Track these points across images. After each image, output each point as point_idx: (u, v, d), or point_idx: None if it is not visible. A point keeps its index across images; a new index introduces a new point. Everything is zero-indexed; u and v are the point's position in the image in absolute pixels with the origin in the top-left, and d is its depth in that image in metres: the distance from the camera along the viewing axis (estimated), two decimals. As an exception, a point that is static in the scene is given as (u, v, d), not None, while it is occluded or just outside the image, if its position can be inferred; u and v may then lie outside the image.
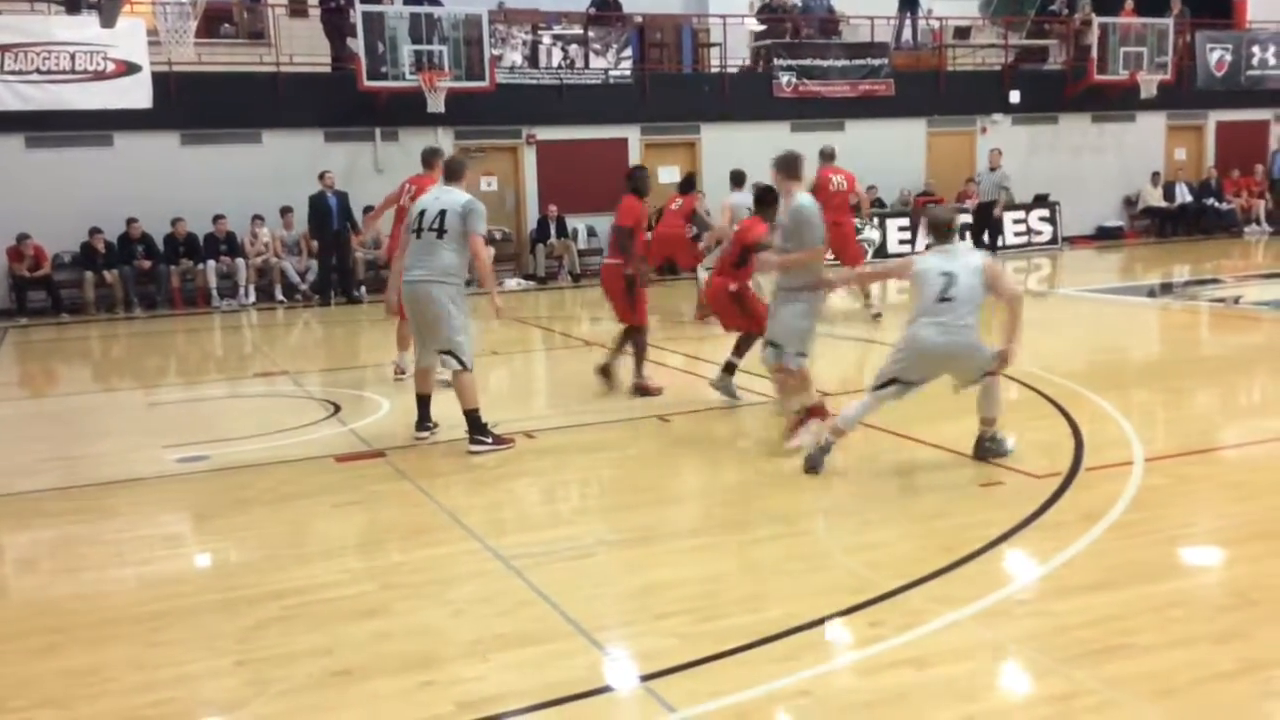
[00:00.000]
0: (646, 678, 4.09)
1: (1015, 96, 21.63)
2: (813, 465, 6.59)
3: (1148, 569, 4.96)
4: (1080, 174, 21.99)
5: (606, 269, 9.23)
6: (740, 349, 8.64)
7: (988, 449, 6.73)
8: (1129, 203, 22.90)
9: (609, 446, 7.67)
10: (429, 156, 9.47)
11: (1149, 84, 21.30)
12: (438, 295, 7.29)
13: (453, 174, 7.60)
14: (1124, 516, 5.64)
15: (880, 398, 6.63)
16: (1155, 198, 22.68)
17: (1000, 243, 18.80)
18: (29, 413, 9.98)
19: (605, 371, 9.23)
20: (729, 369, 8.65)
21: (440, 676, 4.13)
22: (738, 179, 12.91)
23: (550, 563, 5.30)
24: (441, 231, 7.28)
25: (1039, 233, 21.21)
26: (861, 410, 6.70)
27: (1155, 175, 22.75)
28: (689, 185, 13.96)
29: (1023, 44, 22.74)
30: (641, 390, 8.98)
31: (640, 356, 9.09)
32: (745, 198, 13.02)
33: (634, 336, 9.11)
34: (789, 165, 7.45)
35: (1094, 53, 21.13)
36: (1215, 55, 22.39)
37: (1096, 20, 21.36)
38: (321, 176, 16.51)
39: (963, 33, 22.63)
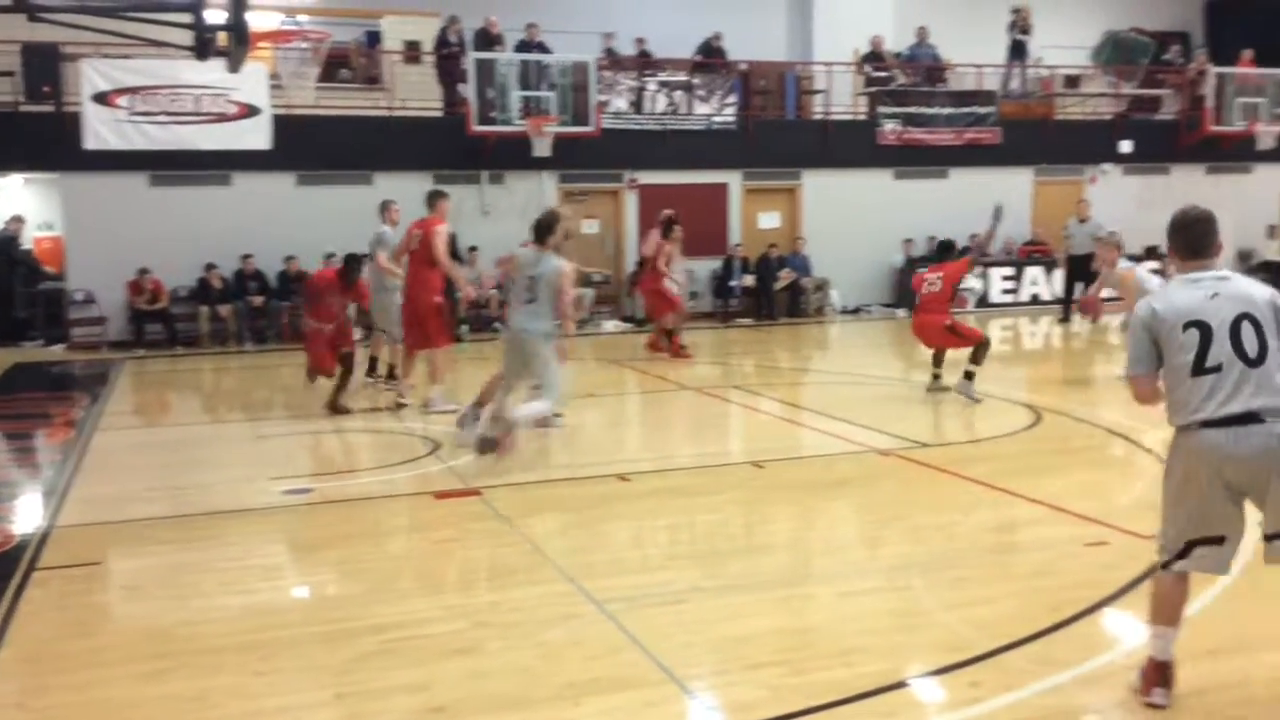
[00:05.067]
0: (738, 729, 4.06)
1: (1126, 146, 21.20)
2: None
3: (1262, 636, 4.77)
4: (1193, 226, 21.41)
5: None
6: (977, 358, 10.49)
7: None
8: (1243, 256, 22.20)
9: (703, 491, 7.66)
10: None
11: (1267, 135, 20.69)
12: None
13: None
14: (1236, 581, 5.39)
15: None
16: (1272, 251, 21.96)
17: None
18: (142, 441, 10.33)
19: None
20: (968, 375, 10.49)
21: (532, 718, 4.15)
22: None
23: (643, 608, 5.30)
24: None
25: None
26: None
27: (1272, 229, 22.04)
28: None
29: (1135, 93, 22.30)
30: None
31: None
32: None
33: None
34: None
35: (1209, 103, 20.64)
36: (1339, 106, 21.68)
37: (1212, 70, 20.87)
38: (434, 216, 16.94)
39: (1073, 81, 22.29)
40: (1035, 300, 19.77)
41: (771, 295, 18.98)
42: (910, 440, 8.87)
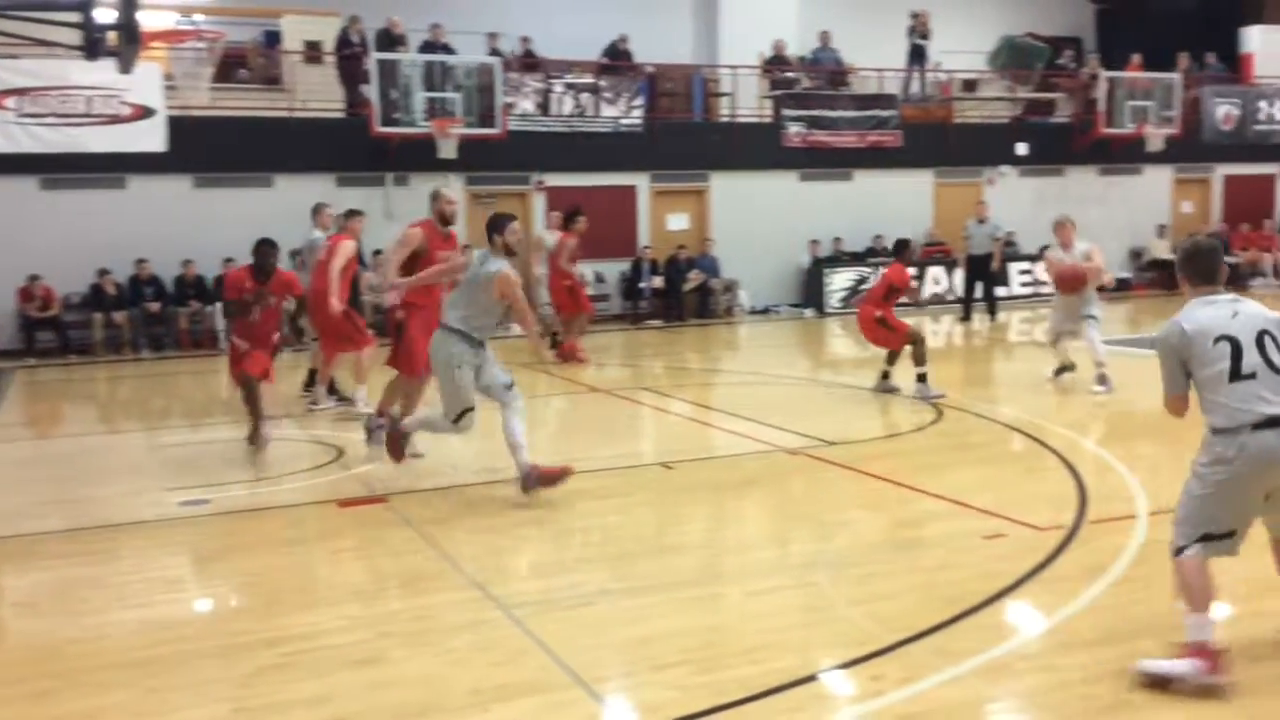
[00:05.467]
0: (645, 730, 4.06)
1: (1022, 148, 21.76)
2: None
3: (1152, 625, 4.91)
4: (1087, 226, 21.77)
5: None
6: (919, 357, 10.80)
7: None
8: (1135, 255, 22.95)
9: (612, 494, 7.65)
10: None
11: (1155, 137, 21.42)
12: None
13: None
14: (1128, 571, 5.61)
15: None
16: (1162, 250, 22.69)
17: (998, 295, 18.73)
18: (33, 454, 10.00)
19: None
20: (885, 375, 11.15)
21: (437, 726, 4.10)
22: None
23: (551, 611, 5.27)
24: None
25: (1045, 283, 21.17)
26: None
27: (1162, 228, 22.80)
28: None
29: (1030, 97, 22.89)
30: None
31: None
32: None
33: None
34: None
35: (1101, 106, 21.27)
36: (1222, 110, 22.52)
37: (1104, 74, 21.51)
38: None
39: (970, 85, 22.81)
40: (937, 299, 20.16)
41: (681, 296, 19.08)
42: (817, 439, 8.98)
